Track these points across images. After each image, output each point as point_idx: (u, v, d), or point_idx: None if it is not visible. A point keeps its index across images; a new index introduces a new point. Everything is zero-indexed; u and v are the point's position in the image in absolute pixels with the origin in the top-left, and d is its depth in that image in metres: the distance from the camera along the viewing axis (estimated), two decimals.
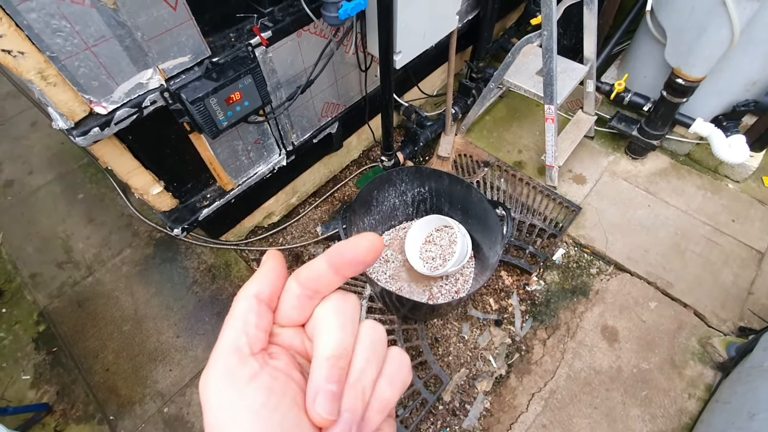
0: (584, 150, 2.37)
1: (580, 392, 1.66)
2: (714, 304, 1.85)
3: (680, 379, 1.68)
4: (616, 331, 1.80)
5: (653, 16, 1.95)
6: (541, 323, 1.84)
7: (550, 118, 1.94)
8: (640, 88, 2.19)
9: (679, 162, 2.33)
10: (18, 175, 2.44)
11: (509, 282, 1.95)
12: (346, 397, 0.23)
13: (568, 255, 2.02)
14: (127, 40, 1.01)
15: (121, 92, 1.07)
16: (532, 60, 2.07)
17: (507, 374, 1.72)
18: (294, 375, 0.24)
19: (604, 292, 1.90)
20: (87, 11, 0.91)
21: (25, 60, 0.91)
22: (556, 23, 1.65)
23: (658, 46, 1.99)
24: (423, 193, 1.86)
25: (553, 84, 1.81)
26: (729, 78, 1.89)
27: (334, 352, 0.23)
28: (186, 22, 1.08)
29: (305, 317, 0.27)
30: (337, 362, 0.23)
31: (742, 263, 1.95)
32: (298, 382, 0.24)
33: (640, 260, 1.97)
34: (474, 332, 1.82)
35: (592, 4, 1.85)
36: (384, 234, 1.96)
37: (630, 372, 1.70)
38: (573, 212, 2.12)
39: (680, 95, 1.90)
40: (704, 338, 1.76)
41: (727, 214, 2.11)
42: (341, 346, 0.24)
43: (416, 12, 1.52)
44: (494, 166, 2.30)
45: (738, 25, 1.58)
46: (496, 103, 2.64)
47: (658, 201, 2.17)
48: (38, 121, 2.68)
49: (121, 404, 1.68)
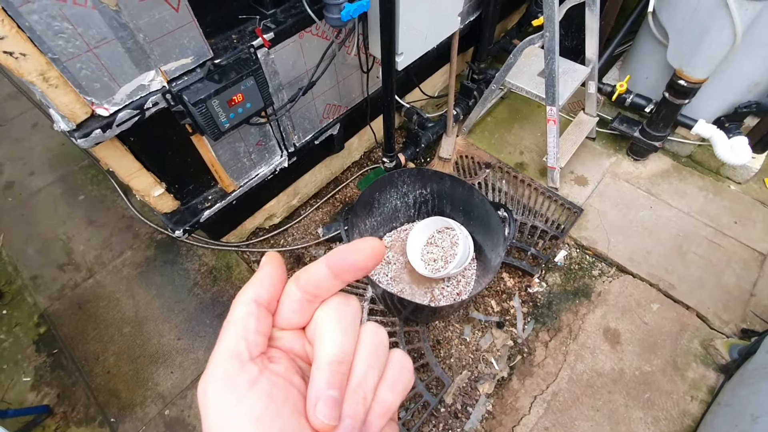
0: (586, 151, 2.36)
1: (583, 395, 1.66)
2: (716, 306, 1.84)
3: (683, 381, 1.68)
4: (619, 333, 1.79)
5: (655, 18, 1.94)
6: (543, 325, 1.83)
7: (551, 120, 1.94)
8: (641, 90, 2.18)
9: (681, 163, 2.32)
10: (19, 177, 2.43)
11: (511, 284, 1.95)
12: (347, 403, 0.23)
13: (570, 257, 2.01)
14: (129, 41, 1.00)
15: (123, 94, 1.07)
16: (533, 61, 2.06)
17: (509, 376, 1.71)
18: (294, 380, 0.23)
19: (606, 294, 1.90)
20: (89, 13, 0.91)
21: (27, 62, 0.91)
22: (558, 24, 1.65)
23: (660, 48, 1.99)
24: (425, 195, 1.86)
25: (555, 85, 1.81)
26: (731, 79, 1.88)
27: (335, 357, 0.23)
28: (188, 24, 1.08)
29: (305, 320, 0.26)
30: (338, 367, 0.23)
31: (745, 265, 1.95)
32: (299, 387, 0.23)
33: (642, 262, 1.97)
34: (476, 334, 1.81)
35: (595, 5, 1.85)
36: (385, 236, 1.95)
37: (632, 374, 1.69)
38: (575, 214, 2.12)
39: (682, 97, 1.90)
40: (706, 340, 1.76)
41: (729, 215, 2.11)
42: (342, 350, 0.24)
43: (418, 13, 1.52)
44: (496, 168, 2.30)
45: (740, 26, 1.58)
46: (497, 104, 2.64)
47: (660, 202, 2.17)
48: (39, 122, 2.67)
49: (121, 407, 1.67)
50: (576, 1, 1.84)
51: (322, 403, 0.22)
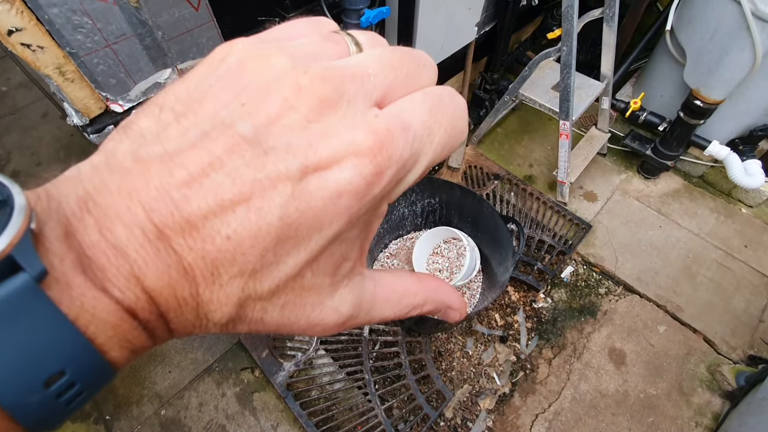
0: (596, 167, 2.34)
1: (585, 415, 1.63)
2: (724, 330, 1.81)
3: (688, 406, 1.65)
4: (624, 354, 1.76)
5: (673, 36, 1.93)
6: (547, 342, 1.81)
7: (564, 134, 1.92)
8: (655, 108, 2.17)
9: (693, 184, 2.30)
10: (25, 167, 2.43)
11: (516, 298, 1.93)
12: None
13: (577, 273, 1.99)
14: (148, 39, 1.00)
15: (138, 91, 1.06)
16: (548, 74, 2.05)
17: (511, 393, 1.69)
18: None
19: (613, 313, 1.87)
20: (109, 8, 0.90)
21: (45, 55, 0.90)
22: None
23: (676, 66, 1.98)
24: (433, 204, 1.84)
25: (570, 100, 1.79)
26: (748, 102, 1.87)
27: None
28: (207, 23, 1.07)
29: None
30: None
31: (754, 290, 1.92)
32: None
33: (650, 282, 1.94)
34: (478, 348, 1.79)
35: (613, 21, 1.84)
36: (391, 243, 1.94)
37: (637, 397, 1.67)
38: (583, 230, 2.09)
39: (698, 117, 1.88)
40: (713, 365, 1.73)
41: (740, 239, 2.08)
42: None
43: (436, 23, 1.51)
44: (504, 179, 2.28)
45: (761, 48, 1.56)
46: (508, 115, 2.63)
47: (670, 222, 2.14)
48: (49, 112, 2.67)
49: (117, 404, 1.65)
50: (594, 16, 1.83)
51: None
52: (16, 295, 0.14)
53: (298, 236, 0.17)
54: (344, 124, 0.17)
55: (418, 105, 0.20)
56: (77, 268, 0.15)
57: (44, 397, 0.15)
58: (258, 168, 0.16)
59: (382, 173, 0.17)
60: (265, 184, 0.16)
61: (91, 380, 0.16)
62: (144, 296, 0.16)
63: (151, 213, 0.15)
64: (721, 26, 1.64)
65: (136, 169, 0.16)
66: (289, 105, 0.17)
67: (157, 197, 0.15)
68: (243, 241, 0.16)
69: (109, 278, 0.15)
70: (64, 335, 0.15)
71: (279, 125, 0.16)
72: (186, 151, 0.16)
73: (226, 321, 0.18)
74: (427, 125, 0.19)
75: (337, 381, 1.65)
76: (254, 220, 0.16)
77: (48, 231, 0.15)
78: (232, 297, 0.17)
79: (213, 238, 0.16)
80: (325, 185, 0.16)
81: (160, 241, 0.15)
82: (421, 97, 0.20)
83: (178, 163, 0.16)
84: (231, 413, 1.61)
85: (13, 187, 0.15)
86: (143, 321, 0.16)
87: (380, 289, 0.23)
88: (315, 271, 0.18)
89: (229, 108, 0.17)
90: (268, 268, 0.17)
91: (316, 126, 0.17)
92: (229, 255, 0.16)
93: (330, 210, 0.17)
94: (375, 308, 0.23)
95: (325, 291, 0.20)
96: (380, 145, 0.17)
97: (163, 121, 0.17)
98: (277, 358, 1.68)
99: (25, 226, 0.14)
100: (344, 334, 1.75)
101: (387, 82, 0.19)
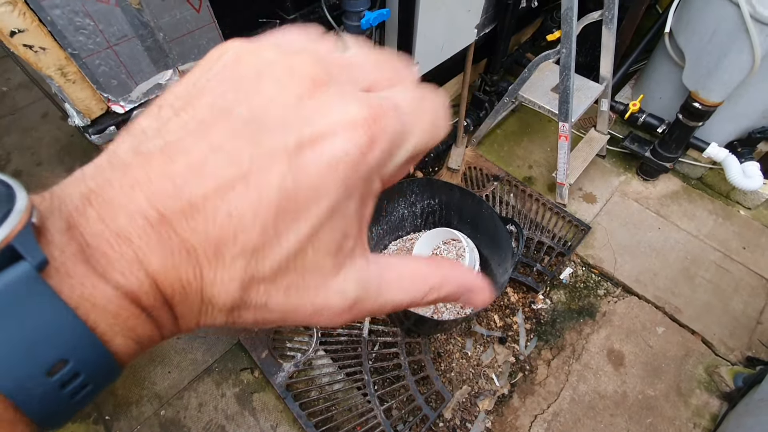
0: (595, 169, 2.35)
1: (584, 417, 1.63)
2: (722, 332, 1.82)
3: (686, 407, 1.65)
4: (623, 356, 1.77)
5: (672, 38, 1.94)
6: (546, 343, 1.81)
7: (563, 136, 1.93)
8: (654, 110, 2.18)
9: (691, 185, 2.31)
10: (26, 167, 2.43)
11: (515, 299, 1.93)
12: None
13: (576, 274, 2.00)
14: (149, 40, 1.00)
15: (140, 92, 1.06)
16: (547, 76, 2.06)
17: (510, 394, 1.69)
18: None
19: (611, 314, 1.88)
20: (111, 10, 0.91)
21: (46, 56, 0.90)
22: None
23: (675, 68, 1.98)
24: (433, 205, 1.84)
25: (569, 102, 1.80)
26: (747, 104, 1.87)
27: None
28: (208, 25, 1.08)
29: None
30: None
31: (752, 292, 1.93)
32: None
33: (649, 284, 1.95)
34: (477, 348, 1.79)
35: (612, 23, 1.84)
36: (391, 244, 1.94)
37: (635, 398, 1.67)
38: (582, 231, 2.10)
39: (696, 119, 1.89)
40: (711, 367, 1.73)
41: (738, 240, 2.09)
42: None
43: (436, 24, 1.51)
44: (504, 181, 2.29)
45: (759, 51, 1.57)
46: (507, 116, 2.63)
47: (669, 224, 2.15)
48: (49, 112, 2.67)
49: (117, 404, 1.66)
50: (593, 18, 1.83)
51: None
52: (16, 283, 0.14)
53: (297, 209, 0.17)
54: (337, 100, 0.18)
55: (404, 93, 0.21)
56: (78, 259, 0.16)
57: (48, 387, 0.15)
58: (255, 145, 0.16)
59: (375, 143, 0.18)
60: (263, 160, 0.16)
61: (95, 371, 0.16)
62: (148, 281, 0.16)
63: (153, 200, 0.16)
64: (720, 29, 1.65)
65: (137, 162, 0.17)
66: (282, 85, 0.18)
67: (159, 184, 0.16)
68: (243, 218, 0.16)
69: (112, 265, 0.16)
70: (64, 322, 0.15)
71: (274, 105, 0.17)
72: (185, 138, 0.17)
73: (230, 305, 0.18)
74: (413, 108, 0.20)
75: (337, 382, 1.65)
76: (254, 196, 0.16)
77: (50, 225, 0.16)
78: (235, 277, 0.17)
79: (214, 217, 0.16)
80: (321, 157, 0.17)
81: (163, 226, 0.16)
82: (405, 87, 0.21)
83: (178, 150, 0.16)
84: (230, 414, 1.61)
85: (14, 184, 0.16)
86: (148, 308, 0.17)
87: (387, 271, 0.22)
88: (316, 248, 0.18)
89: (225, 97, 0.17)
90: (269, 245, 0.17)
91: (310, 102, 0.17)
92: (230, 233, 0.16)
93: (327, 180, 0.17)
94: (384, 292, 0.22)
95: (328, 272, 0.19)
96: (375, 116, 0.18)
97: (162, 117, 0.18)
98: (277, 359, 1.68)
99: (26, 219, 0.15)
100: (344, 334, 1.76)
101: (372, 76, 0.21)
